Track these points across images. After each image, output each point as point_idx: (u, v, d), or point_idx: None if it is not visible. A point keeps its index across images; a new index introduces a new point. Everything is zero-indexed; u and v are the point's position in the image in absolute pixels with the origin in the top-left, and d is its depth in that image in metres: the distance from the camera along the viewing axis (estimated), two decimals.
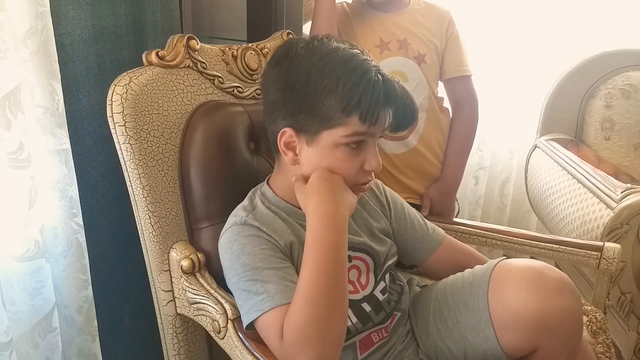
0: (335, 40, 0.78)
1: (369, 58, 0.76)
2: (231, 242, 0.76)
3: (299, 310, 0.66)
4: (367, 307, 0.82)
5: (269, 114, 0.81)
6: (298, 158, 0.78)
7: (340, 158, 0.75)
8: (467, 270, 0.85)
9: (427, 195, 1.28)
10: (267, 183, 0.85)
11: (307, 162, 0.77)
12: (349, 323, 0.79)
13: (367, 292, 0.83)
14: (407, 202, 1.23)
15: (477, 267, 0.84)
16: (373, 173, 0.80)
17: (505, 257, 0.82)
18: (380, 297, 0.84)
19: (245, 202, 0.84)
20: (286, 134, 0.77)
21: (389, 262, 0.88)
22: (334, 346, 0.67)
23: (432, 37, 1.24)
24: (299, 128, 0.76)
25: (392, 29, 1.21)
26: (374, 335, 0.83)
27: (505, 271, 0.78)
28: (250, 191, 0.86)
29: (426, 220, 0.97)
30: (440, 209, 1.29)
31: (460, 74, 1.26)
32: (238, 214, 0.81)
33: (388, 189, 0.96)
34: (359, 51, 0.77)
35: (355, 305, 0.81)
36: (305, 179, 0.77)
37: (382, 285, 0.85)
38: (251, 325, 0.72)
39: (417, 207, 1.26)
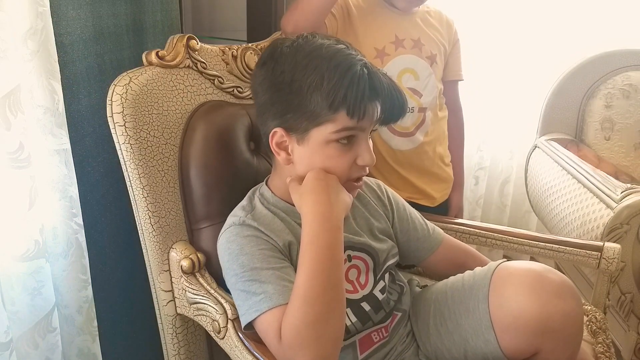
0: (320, 37, 0.78)
1: (353, 52, 0.76)
2: (230, 242, 0.77)
3: (296, 311, 0.66)
4: (366, 306, 0.82)
5: (260, 116, 0.81)
6: (291, 157, 0.78)
7: (332, 155, 0.75)
8: (467, 272, 0.84)
9: (455, 206, 1.36)
10: (266, 183, 0.86)
11: (300, 161, 0.77)
12: (348, 322, 0.79)
13: (366, 291, 0.83)
14: (410, 201, 1.25)
15: (477, 269, 0.84)
16: (367, 168, 0.80)
17: (505, 260, 0.82)
18: (380, 296, 0.84)
19: (244, 202, 0.84)
20: (277, 134, 0.77)
21: (389, 262, 0.88)
22: (332, 346, 0.66)
23: (442, 39, 1.27)
24: (288, 127, 0.76)
25: (407, 27, 1.22)
26: (374, 335, 0.83)
27: (506, 274, 0.78)
28: (250, 191, 0.86)
29: (426, 221, 0.97)
30: (460, 210, 1.39)
31: (458, 77, 1.34)
32: (237, 214, 0.81)
33: (390, 190, 0.97)
34: (344, 46, 0.77)
35: (354, 304, 0.81)
36: (300, 180, 0.77)
37: (381, 284, 0.85)
38: (250, 326, 0.72)
39: (418, 207, 1.26)
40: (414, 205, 1.24)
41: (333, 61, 0.73)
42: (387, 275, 0.88)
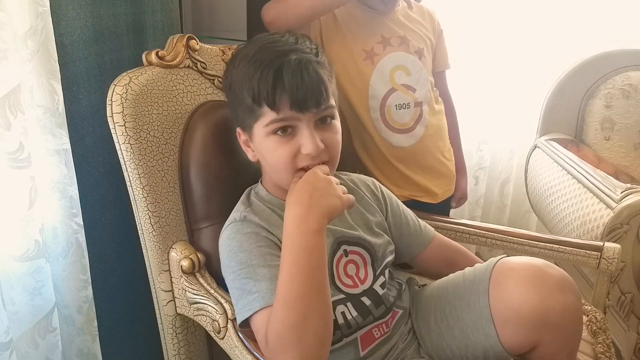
0: (267, 35, 0.80)
1: (282, 46, 0.76)
2: (230, 239, 0.77)
3: (276, 314, 0.66)
4: (366, 300, 0.82)
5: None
6: (255, 154, 0.82)
7: (271, 147, 0.77)
8: (468, 268, 0.85)
9: (460, 190, 1.37)
10: (261, 183, 0.87)
11: (260, 156, 0.81)
12: (349, 317, 0.80)
13: (366, 286, 0.84)
14: (412, 199, 1.25)
15: (478, 265, 0.84)
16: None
17: (505, 255, 0.83)
18: (380, 291, 0.84)
19: (242, 199, 0.86)
20: (240, 134, 0.83)
21: (388, 259, 0.88)
22: (315, 349, 0.66)
23: (427, 32, 1.29)
24: (242, 126, 0.82)
25: (392, 25, 1.23)
26: (375, 331, 0.83)
27: (506, 268, 0.79)
28: (246, 190, 0.88)
29: (418, 218, 0.98)
30: (464, 195, 1.41)
31: (446, 67, 1.36)
32: (238, 209, 0.83)
33: (384, 187, 0.97)
34: (276, 40, 0.78)
35: (354, 299, 0.81)
36: None
37: (381, 279, 0.86)
38: (245, 323, 0.72)
39: (420, 205, 1.26)
40: (417, 203, 1.25)
41: (254, 58, 0.76)
42: (386, 272, 0.88)
